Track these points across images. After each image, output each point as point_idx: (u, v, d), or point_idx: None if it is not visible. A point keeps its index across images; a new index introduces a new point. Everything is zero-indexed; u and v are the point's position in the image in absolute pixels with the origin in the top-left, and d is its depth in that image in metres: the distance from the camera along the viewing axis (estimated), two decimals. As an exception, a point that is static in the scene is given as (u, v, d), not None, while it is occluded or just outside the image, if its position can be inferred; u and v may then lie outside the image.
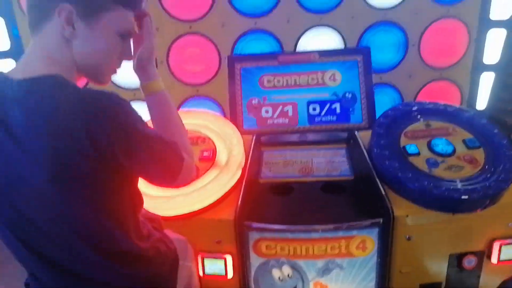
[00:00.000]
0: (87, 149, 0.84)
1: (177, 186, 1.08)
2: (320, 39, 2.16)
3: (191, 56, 2.16)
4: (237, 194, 1.54)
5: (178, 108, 2.17)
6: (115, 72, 1.06)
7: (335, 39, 2.18)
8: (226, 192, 1.54)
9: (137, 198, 1.07)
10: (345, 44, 2.14)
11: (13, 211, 0.92)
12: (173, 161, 1.02)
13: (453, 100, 2.33)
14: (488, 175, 1.47)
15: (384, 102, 2.23)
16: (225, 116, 2.01)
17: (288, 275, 1.55)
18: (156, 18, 1.21)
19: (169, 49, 2.15)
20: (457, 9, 2.19)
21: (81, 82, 1.03)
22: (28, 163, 0.87)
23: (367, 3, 2.14)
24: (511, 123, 2.04)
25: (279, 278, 1.56)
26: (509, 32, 2.19)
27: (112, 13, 0.96)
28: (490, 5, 2.16)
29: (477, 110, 2.24)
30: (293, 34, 2.17)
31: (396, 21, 2.19)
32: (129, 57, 1.07)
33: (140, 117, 0.95)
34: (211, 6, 2.10)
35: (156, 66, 1.19)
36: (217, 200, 1.52)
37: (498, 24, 2.18)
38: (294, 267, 1.53)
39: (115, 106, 0.88)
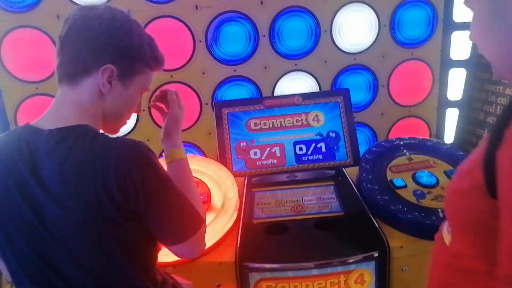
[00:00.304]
0: (116, 197, 0.85)
1: (188, 250, 1.06)
2: (296, 83, 2.26)
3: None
4: (235, 236, 1.55)
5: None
6: (126, 123, 1.10)
7: (310, 82, 2.29)
8: (224, 235, 1.55)
9: (156, 248, 1.07)
10: (320, 87, 2.25)
11: (41, 261, 0.90)
12: (194, 218, 1.03)
13: (423, 135, 2.47)
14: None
15: (359, 140, 2.34)
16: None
17: (289, 315, 1.55)
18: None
19: (150, 97, 2.18)
20: (420, 51, 2.37)
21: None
22: (60, 213, 0.86)
23: (338, 48, 2.28)
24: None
25: (280, 318, 1.55)
26: (468, 71, 2.39)
27: (143, 76, 1.06)
28: (450, 47, 2.36)
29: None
30: (271, 79, 2.26)
31: (365, 64, 2.34)
32: (139, 111, 1.14)
33: (165, 171, 0.98)
34: (192, 55, 2.17)
35: (139, 114, 1.26)
36: (216, 243, 1.52)
37: (458, 64, 2.38)
38: (295, 306, 1.54)
39: (144, 157, 0.91)
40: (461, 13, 2.28)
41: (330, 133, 1.85)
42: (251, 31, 2.09)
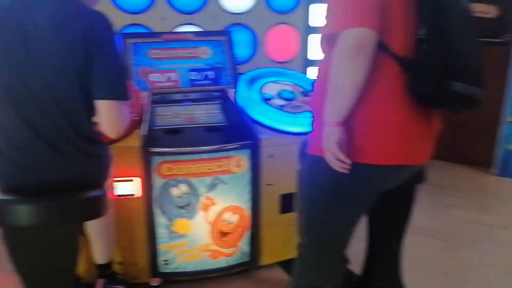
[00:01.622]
0: (82, 46, 1.27)
1: (116, 115, 1.39)
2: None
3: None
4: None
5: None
6: None
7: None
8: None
9: None
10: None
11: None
12: (124, 82, 1.40)
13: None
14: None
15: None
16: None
17: (184, 192, 1.97)
18: None
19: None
20: (289, 17, 2.96)
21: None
22: (46, 48, 1.26)
23: (222, 9, 2.76)
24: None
25: (176, 195, 1.96)
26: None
27: None
28: (308, 15, 3.00)
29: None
30: (166, 29, 2.66)
31: (246, 24, 2.86)
32: None
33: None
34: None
35: None
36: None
37: (316, 30, 3.03)
38: (189, 185, 1.96)
39: (109, 23, 1.34)
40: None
41: (217, 64, 2.32)
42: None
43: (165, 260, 2.04)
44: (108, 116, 1.38)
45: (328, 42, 1.30)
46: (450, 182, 3.35)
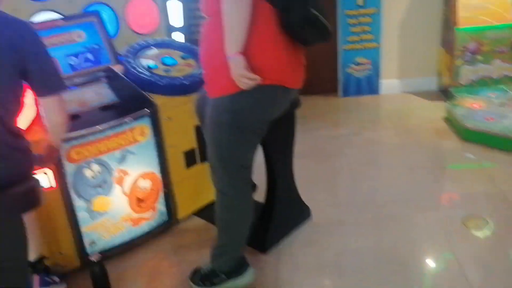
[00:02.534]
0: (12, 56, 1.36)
1: (57, 107, 1.56)
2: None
3: None
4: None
5: None
6: None
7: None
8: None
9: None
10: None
11: None
12: (59, 74, 1.54)
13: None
14: (198, 72, 2.41)
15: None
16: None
17: (97, 172, 2.11)
18: None
19: None
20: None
21: None
22: None
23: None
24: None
25: (91, 176, 2.10)
26: (184, 3, 3.27)
27: None
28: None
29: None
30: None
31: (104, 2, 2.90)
32: None
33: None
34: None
35: None
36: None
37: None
38: (100, 163, 2.11)
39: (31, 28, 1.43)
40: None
41: (93, 46, 2.40)
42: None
43: (92, 242, 2.17)
44: (59, 108, 1.57)
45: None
46: (308, 111, 3.93)
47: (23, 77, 1.44)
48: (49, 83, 1.51)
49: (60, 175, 2.00)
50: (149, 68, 2.34)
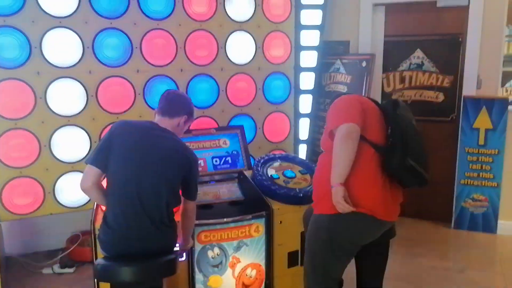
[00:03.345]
0: (180, 173, 2.03)
1: (192, 207, 2.24)
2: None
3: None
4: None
5: None
6: None
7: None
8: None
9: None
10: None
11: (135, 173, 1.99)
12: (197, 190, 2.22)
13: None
14: (311, 188, 2.82)
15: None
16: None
17: (217, 254, 2.58)
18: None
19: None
20: (282, 106, 3.74)
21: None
22: (158, 161, 2.00)
23: (230, 103, 3.51)
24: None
25: (211, 256, 2.57)
26: (311, 120, 3.84)
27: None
28: (299, 105, 3.79)
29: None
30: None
31: (248, 114, 3.61)
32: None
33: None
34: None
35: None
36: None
37: (304, 115, 3.82)
38: (220, 248, 2.58)
39: (196, 160, 2.12)
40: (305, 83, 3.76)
41: (234, 152, 3.02)
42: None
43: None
44: (191, 208, 2.23)
45: (330, 137, 2.05)
46: (416, 236, 4.04)
47: (181, 184, 2.09)
48: (193, 193, 2.18)
49: (190, 252, 2.52)
50: (271, 178, 2.84)
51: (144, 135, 2.08)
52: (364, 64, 3.86)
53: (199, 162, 2.25)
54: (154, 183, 2.02)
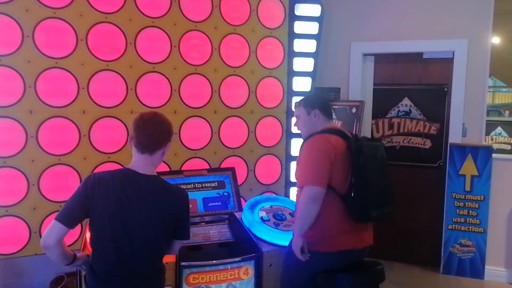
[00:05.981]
0: (173, 217, 1.97)
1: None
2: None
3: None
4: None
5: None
6: None
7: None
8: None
9: None
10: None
11: (123, 230, 1.87)
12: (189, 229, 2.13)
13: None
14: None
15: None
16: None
17: (205, 296, 2.56)
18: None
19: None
20: (274, 149, 3.80)
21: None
22: (147, 214, 1.90)
23: (223, 144, 3.57)
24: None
25: (200, 299, 2.55)
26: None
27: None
28: (290, 146, 3.86)
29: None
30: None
31: (240, 155, 3.66)
32: None
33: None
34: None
35: None
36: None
37: (295, 158, 3.87)
38: (209, 290, 2.56)
39: (187, 199, 2.05)
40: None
41: (224, 193, 3.05)
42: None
43: None
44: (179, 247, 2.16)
45: (300, 187, 2.27)
46: (405, 280, 4.03)
47: (173, 229, 2.01)
48: (185, 233, 2.08)
49: (179, 294, 2.50)
50: (262, 219, 2.86)
51: (127, 193, 1.89)
52: (354, 110, 3.99)
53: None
54: (137, 235, 1.89)
